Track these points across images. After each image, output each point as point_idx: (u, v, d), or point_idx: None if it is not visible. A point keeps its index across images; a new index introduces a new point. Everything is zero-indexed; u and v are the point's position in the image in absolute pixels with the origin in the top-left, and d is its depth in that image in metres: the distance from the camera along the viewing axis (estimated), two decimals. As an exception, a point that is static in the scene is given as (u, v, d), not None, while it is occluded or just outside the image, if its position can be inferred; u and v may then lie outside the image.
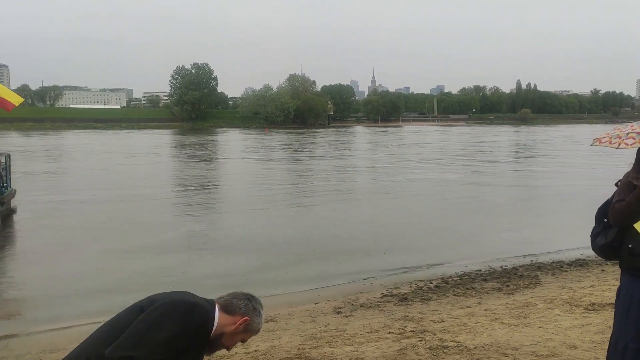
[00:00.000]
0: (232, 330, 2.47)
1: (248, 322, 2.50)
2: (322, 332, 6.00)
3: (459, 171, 27.40)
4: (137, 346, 2.17)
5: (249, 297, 2.57)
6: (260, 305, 2.59)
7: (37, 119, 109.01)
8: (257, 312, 2.55)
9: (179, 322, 2.25)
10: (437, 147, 49.27)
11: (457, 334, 5.42)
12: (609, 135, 3.61)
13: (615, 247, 3.39)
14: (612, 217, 3.35)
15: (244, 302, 2.53)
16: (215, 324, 2.42)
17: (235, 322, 2.48)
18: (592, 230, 3.56)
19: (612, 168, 27.34)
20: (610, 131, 3.72)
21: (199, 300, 2.38)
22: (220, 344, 2.49)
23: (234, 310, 2.49)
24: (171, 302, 2.30)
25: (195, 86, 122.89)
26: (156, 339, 2.19)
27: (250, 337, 2.60)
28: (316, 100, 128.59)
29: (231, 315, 2.48)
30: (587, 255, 10.05)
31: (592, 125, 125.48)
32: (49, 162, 32.61)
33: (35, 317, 7.62)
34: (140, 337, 2.19)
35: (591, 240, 3.56)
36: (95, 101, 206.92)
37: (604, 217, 3.46)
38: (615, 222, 3.35)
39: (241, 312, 2.50)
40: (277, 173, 27.48)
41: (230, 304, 2.51)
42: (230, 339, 2.51)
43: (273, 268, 9.96)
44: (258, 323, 2.56)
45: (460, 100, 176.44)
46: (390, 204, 17.29)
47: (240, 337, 2.54)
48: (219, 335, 2.45)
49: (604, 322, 5.57)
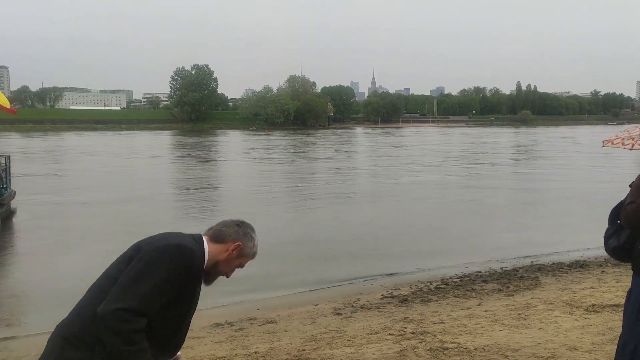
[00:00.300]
0: (225, 257, 2.49)
1: (240, 246, 2.52)
2: (322, 333, 5.99)
3: (459, 173, 27.40)
4: (128, 298, 2.16)
5: (238, 223, 2.59)
6: (251, 229, 2.62)
7: (37, 120, 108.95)
8: (249, 236, 2.58)
9: (166, 268, 2.24)
10: (437, 148, 49.26)
11: (457, 336, 5.42)
12: (620, 137, 3.60)
13: (627, 248, 3.37)
14: (624, 219, 3.32)
15: (234, 229, 2.55)
16: (206, 257, 2.42)
17: (227, 249, 2.49)
18: (605, 232, 3.54)
19: (614, 170, 27.38)
20: (619, 133, 3.72)
21: (183, 240, 2.36)
22: (217, 272, 2.51)
23: (224, 238, 2.51)
24: (155, 249, 2.28)
25: (195, 87, 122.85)
26: (146, 288, 2.19)
27: (247, 261, 2.62)
28: (316, 102, 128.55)
29: (222, 244, 2.50)
30: (587, 256, 10.04)
31: (592, 126, 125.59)
32: (49, 164, 32.61)
33: (35, 319, 7.61)
34: (130, 289, 2.19)
35: (604, 242, 3.54)
36: (95, 102, 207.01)
37: (617, 219, 3.43)
38: (627, 224, 3.32)
39: (232, 239, 2.51)
40: (277, 174, 27.47)
41: (220, 233, 2.52)
42: (226, 266, 2.53)
43: (273, 269, 9.94)
44: (251, 247, 2.59)
45: (460, 101, 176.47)
46: (390, 206, 17.28)
47: (236, 263, 2.56)
48: (214, 265, 2.47)
49: (604, 324, 5.57)
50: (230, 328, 6.67)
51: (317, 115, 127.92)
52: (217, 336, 6.30)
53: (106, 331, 2.16)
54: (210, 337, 6.25)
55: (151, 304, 2.20)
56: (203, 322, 7.01)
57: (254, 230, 2.64)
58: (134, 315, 2.16)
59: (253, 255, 2.63)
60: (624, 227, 3.37)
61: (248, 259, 2.62)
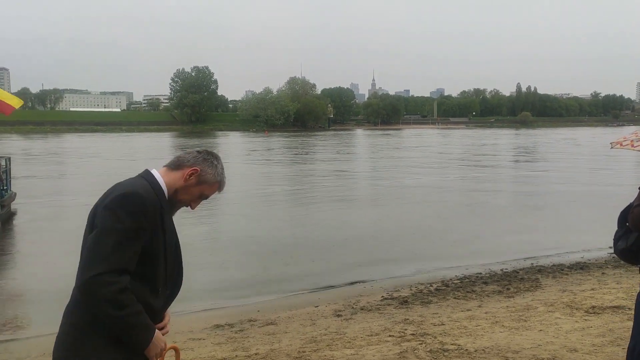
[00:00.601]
0: (182, 184, 2.37)
1: (198, 171, 2.38)
2: (323, 335, 5.99)
3: (460, 174, 27.40)
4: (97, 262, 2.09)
5: (199, 150, 2.47)
6: (214, 157, 2.46)
7: (37, 122, 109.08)
8: (209, 162, 2.42)
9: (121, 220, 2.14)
10: (438, 150, 49.25)
11: (458, 337, 5.42)
12: (628, 139, 3.60)
13: (634, 251, 3.36)
14: (631, 222, 3.30)
15: (192, 155, 2.42)
16: (163, 187, 2.33)
17: (183, 175, 2.37)
18: (615, 234, 3.53)
19: (614, 172, 27.39)
20: (628, 135, 3.72)
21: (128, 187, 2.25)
22: (178, 201, 2.39)
23: (181, 164, 2.40)
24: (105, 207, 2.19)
25: (196, 89, 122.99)
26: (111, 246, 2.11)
27: (211, 191, 2.46)
28: (316, 103, 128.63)
29: (179, 170, 2.38)
30: (587, 258, 10.04)
31: (593, 128, 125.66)
32: (49, 166, 32.61)
33: (35, 321, 7.62)
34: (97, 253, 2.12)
35: (613, 244, 3.53)
36: (96, 104, 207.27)
37: (625, 221, 3.43)
38: (634, 227, 3.31)
39: (189, 164, 2.39)
40: (278, 176, 27.47)
41: (177, 160, 2.42)
42: (185, 194, 2.39)
43: (273, 271, 9.95)
44: (212, 174, 2.42)
45: (460, 103, 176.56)
46: (391, 207, 17.28)
47: (195, 190, 2.41)
48: (174, 193, 2.36)
49: (604, 326, 5.57)
50: (230, 329, 6.67)
51: (317, 117, 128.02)
52: (217, 338, 6.30)
53: (92, 302, 2.09)
54: (211, 339, 6.26)
55: (123, 259, 2.12)
56: (203, 323, 7.02)
57: (219, 159, 2.48)
58: (111, 275, 2.07)
59: (215, 183, 2.44)
60: (632, 230, 3.36)
61: (210, 188, 2.44)
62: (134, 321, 2.15)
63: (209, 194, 2.45)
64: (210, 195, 2.47)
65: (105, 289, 2.06)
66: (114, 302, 2.07)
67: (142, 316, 2.18)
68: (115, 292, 2.07)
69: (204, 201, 2.53)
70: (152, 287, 2.28)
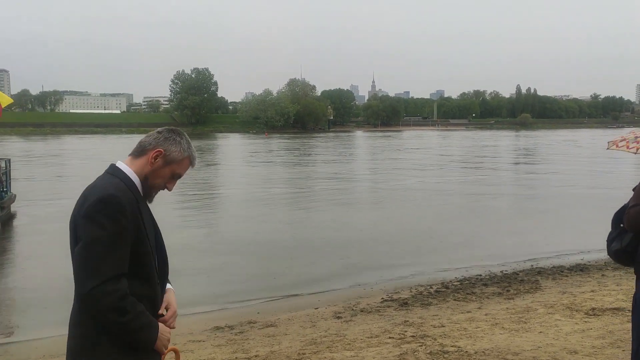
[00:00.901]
0: (150, 169, 2.30)
1: (162, 152, 2.29)
2: (323, 337, 5.99)
3: (460, 176, 27.41)
4: (93, 273, 2.06)
5: (159, 131, 2.37)
6: (176, 134, 2.35)
7: (37, 124, 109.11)
8: (171, 140, 2.32)
9: (103, 230, 2.09)
10: (439, 152, 49.27)
11: (458, 339, 5.42)
12: (625, 139, 3.60)
13: (630, 252, 3.36)
14: (627, 223, 3.32)
15: (153, 137, 2.34)
16: (133, 179, 2.28)
17: (148, 159, 2.30)
18: (608, 235, 3.54)
19: (615, 173, 27.39)
20: (624, 134, 3.72)
21: (101, 191, 2.21)
22: (151, 187, 2.33)
23: (144, 149, 2.32)
24: (83, 218, 2.15)
25: (196, 91, 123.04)
26: (102, 254, 2.07)
27: (182, 169, 2.36)
28: (316, 105, 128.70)
29: (144, 156, 2.31)
30: (587, 260, 10.04)
31: (592, 130, 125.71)
32: (49, 167, 32.61)
33: (35, 323, 7.61)
34: (90, 264, 2.07)
35: (607, 245, 3.54)
36: (96, 106, 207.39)
37: (620, 222, 3.43)
38: (630, 228, 3.32)
39: (151, 147, 2.31)
40: (279, 178, 27.47)
41: (139, 146, 2.34)
42: (156, 177, 2.32)
43: (273, 273, 9.95)
44: (178, 151, 2.31)
45: (460, 104, 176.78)
46: (391, 209, 17.28)
47: (165, 172, 2.32)
48: (145, 180, 2.31)
49: (604, 327, 5.57)
50: (230, 331, 6.67)
51: (317, 118, 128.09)
52: (217, 339, 6.30)
53: (96, 313, 2.07)
54: (211, 341, 6.26)
55: (116, 264, 2.09)
56: (203, 325, 7.02)
57: (182, 135, 2.37)
58: (108, 284, 2.05)
59: (184, 160, 2.34)
60: (627, 231, 3.37)
61: (180, 166, 2.35)
62: (139, 323, 2.14)
63: (181, 172, 2.37)
64: (184, 173, 2.39)
65: (105, 299, 2.05)
66: (116, 310, 2.07)
67: (144, 316, 2.17)
68: (116, 300, 2.07)
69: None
70: (150, 282, 2.27)
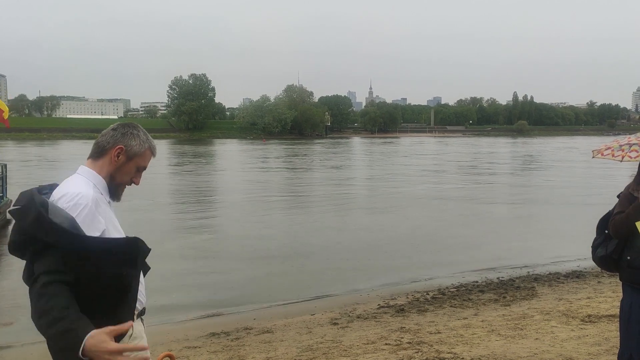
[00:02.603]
0: (114, 167, 2.29)
1: (123, 149, 2.28)
2: (319, 343, 5.98)
3: (458, 182, 27.44)
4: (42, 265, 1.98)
5: (113, 128, 2.34)
6: (132, 127, 2.34)
7: (34, 129, 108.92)
8: (129, 134, 2.30)
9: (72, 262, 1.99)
10: (437, 158, 49.34)
11: (454, 346, 5.42)
12: (610, 147, 3.62)
13: (615, 258, 3.41)
14: (612, 229, 3.37)
15: (109, 135, 2.31)
16: (95, 182, 2.26)
17: (110, 158, 2.28)
18: (593, 242, 3.58)
19: (616, 180, 27.46)
20: (608, 142, 3.74)
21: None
22: (118, 184, 2.32)
23: (103, 149, 2.29)
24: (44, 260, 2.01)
25: (193, 97, 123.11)
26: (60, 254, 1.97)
27: (146, 161, 2.37)
28: (313, 111, 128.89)
29: (105, 156, 2.29)
30: (583, 266, 10.06)
31: (589, 137, 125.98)
32: (45, 172, 32.54)
33: (30, 328, 7.56)
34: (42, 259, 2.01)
35: (592, 252, 3.58)
36: (93, 111, 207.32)
37: (605, 229, 3.48)
38: (615, 234, 3.37)
39: (111, 146, 2.28)
40: (276, 183, 27.47)
41: (98, 147, 2.31)
42: (123, 175, 2.31)
43: (269, 279, 9.94)
44: (138, 144, 2.30)
45: (457, 111, 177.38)
46: (388, 215, 17.29)
47: (129, 167, 2.31)
48: (111, 180, 2.30)
49: (600, 334, 5.57)
50: (226, 338, 6.65)
51: (314, 124, 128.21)
52: (213, 346, 6.28)
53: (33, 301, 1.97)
54: (206, 347, 6.23)
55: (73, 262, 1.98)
56: (199, 331, 7.00)
57: (137, 127, 2.36)
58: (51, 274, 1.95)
59: (145, 151, 2.34)
60: (612, 237, 3.41)
61: (143, 158, 2.34)
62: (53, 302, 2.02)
63: (145, 164, 2.37)
64: (148, 164, 2.39)
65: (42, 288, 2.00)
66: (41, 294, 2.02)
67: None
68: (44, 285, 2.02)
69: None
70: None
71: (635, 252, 3.30)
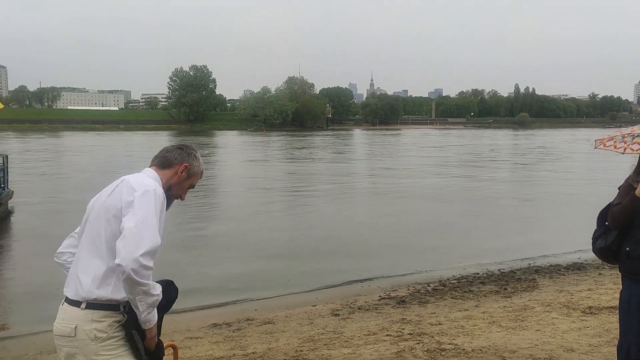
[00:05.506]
0: (176, 180, 2.62)
1: (188, 167, 2.64)
2: (320, 334, 6.00)
3: (459, 174, 27.42)
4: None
5: (179, 147, 2.71)
6: (194, 149, 2.72)
7: (34, 120, 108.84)
8: (193, 156, 2.69)
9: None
10: (439, 150, 49.27)
11: (455, 337, 5.43)
12: (612, 137, 3.60)
13: (614, 250, 3.42)
14: (611, 221, 3.39)
15: (177, 152, 2.66)
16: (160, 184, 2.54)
17: (176, 172, 2.62)
18: (594, 233, 3.59)
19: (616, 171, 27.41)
20: (611, 132, 3.72)
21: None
22: (172, 196, 2.63)
23: (171, 163, 2.63)
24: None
25: (194, 88, 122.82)
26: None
27: (197, 181, 2.73)
28: (314, 103, 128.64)
29: (170, 168, 2.62)
30: (584, 258, 10.07)
31: (591, 129, 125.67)
32: (46, 164, 32.55)
33: (32, 318, 7.60)
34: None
35: (592, 243, 3.59)
36: (93, 103, 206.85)
37: (605, 220, 3.49)
38: (613, 225, 3.38)
39: (178, 162, 2.63)
40: (277, 175, 27.46)
41: (165, 159, 2.64)
42: (179, 189, 2.66)
43: (271, 270, 9.96)
44: (198, 165, 2.70)
45: (458, 103, 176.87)
46: (389, 207, 17.28)
47: (186, 184, 2.68)
48: (167, 190, 2.58)
49: (601, 326, 5.58)
50: (228, 328, 6.67)
51: (315, 116, 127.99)
52: (214, 336, 6.30)
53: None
54: (208, 338, 6.26)
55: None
56: (201, 322, 7.02)
57: (197, 150, 2.75)
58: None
59: (201, 173, 2.73)
60: (611, 229, 3.42)
61: (197, 178, 2.73)
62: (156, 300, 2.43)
63: (195, 183, 2.74)
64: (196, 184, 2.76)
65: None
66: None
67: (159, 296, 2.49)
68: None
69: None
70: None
71: (634, 243, 3.31)
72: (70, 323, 2.41)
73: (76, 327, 2.38)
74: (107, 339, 2.37)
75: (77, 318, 2.40)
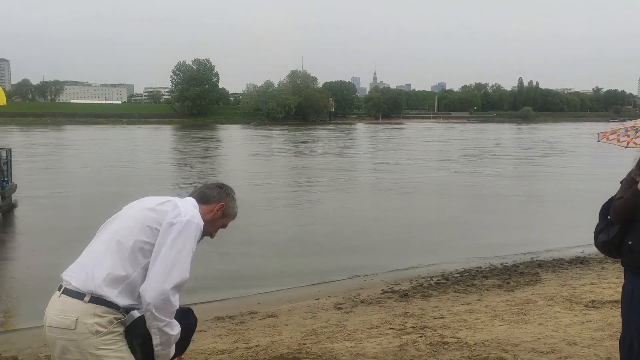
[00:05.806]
0: (210, 217, 2.67)
1: (224, 207, 2.70)
2: (323, 327, 6.01)
3: (463, 169, 27.39)
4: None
5: (219, 185, 2.76)
6: (232, 191, 2.78)
7: (37, 114, 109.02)
8: (231, 197, 2.75)
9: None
10: (443, 144, 49.19)
11: (458, 330, 5.43)
12: (615, 131, 3.59)
13: (616, 244, 3.42)
14: (613, 214, 3.39)
15: (216, 191, 2.72)
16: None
17: (212, 209, 2.67)
18: (596, 227, 3.59)
19: (620, 166, 27.35)
20: (614, 126, 3.71)
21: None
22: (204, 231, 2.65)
23: (209, 199, 2.68)
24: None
25: (197, 82, 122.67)
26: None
27: (229, 221, 2.78)
28: (317, 97, 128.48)
29: (207, 205, 2.67)
30: (587, 252, 10.06)
31: (595, 123, 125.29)
32: (50, 157, 32.61)
33: (36, 312, 7.60)
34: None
35: (594, 237, 3.59)
36: (96, 96, 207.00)
37: (607, 214, 3.49)
38: (615, 219, 3.38)
39: (216, 200, 2.69)
40: (280, 169, 27.48)
41: (204, 195, 2.70)
42: (211, 226, 2.71)
43: (274, 263, 9.97)
44: (233, 207, 2.76)
45: (461, 97, 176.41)
46: (393, 201, 17.28)
47: (220, 222, 2.74)
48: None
49: (603, 320, 5.58)
50: (231, 322, 6.69)
51: (318, 110, 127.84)
52: (218, 330, 6.32)
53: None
54: (211, 331, 6.28)
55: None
56: (204, 315, 7.02)
57: (235, 192, 2.79)
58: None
59: (234, 215, 2.79)
60: (613, 223, 3.42)
61: (230, 219, 2.78)
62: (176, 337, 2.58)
63: (228, 223, 2.80)
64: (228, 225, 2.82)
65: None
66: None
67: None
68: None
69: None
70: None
71: (636, 237, 3.31)
72: (70, 315, 2.38)
73: (77, 319, 2.37)
74: (107, 334, 2.38)
75: (79, 311, 2.38)
